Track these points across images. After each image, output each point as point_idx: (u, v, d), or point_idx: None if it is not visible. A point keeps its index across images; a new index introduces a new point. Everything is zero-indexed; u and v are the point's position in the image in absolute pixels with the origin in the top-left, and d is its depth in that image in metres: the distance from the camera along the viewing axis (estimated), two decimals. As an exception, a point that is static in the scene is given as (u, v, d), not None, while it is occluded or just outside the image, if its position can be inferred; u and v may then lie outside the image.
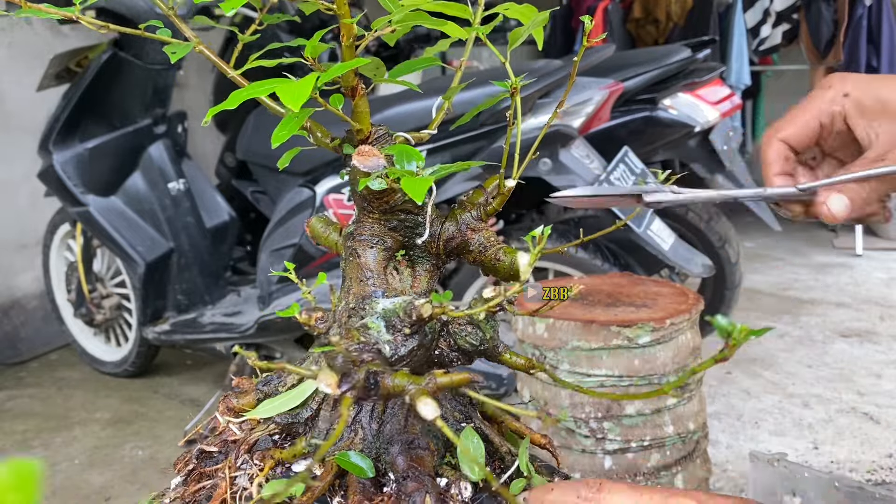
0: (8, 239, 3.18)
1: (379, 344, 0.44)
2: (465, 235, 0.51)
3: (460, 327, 0.50)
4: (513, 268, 0.48)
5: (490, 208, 0.51)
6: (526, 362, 0.49)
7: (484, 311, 0.47)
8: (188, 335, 2.50)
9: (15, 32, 3.14)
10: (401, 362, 0.45)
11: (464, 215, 0.51)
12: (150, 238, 2.55)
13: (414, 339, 0.45)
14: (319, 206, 2.21)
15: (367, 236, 0.52)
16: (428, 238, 0.51)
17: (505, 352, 0.50)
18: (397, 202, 0.50)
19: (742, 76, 4.04)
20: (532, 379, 1.51)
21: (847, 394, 2.40)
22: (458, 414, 0.52)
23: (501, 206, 0.51)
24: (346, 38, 0.44)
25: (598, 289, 1.61)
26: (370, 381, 0.39)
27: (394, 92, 2.31)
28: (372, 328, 0.44)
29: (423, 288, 0.52)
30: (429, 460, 0.47)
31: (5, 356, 3.09)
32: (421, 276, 0.52)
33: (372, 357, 0.41)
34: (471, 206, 0.51)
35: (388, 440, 0.47)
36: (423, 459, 0.46)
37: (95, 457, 2.25)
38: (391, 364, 0.44)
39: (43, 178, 2.57)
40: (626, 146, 2.10)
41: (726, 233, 2.46)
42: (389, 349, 0.44)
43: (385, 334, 0.44)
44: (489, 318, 0.49)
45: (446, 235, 0.51)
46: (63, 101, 2.50)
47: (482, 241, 0.50)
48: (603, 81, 2.04)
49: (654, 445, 1.41)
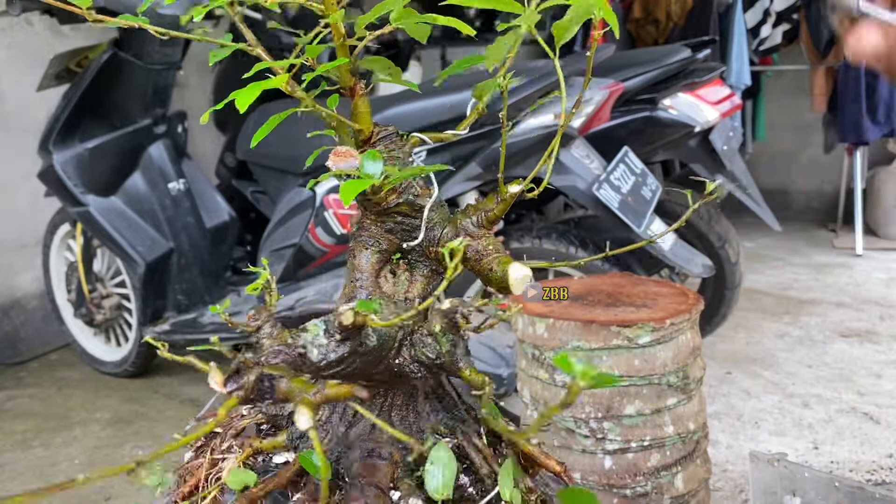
0: (8, 239, 3.18)
1: (307, 347, 0.42)
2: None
3: (422, 339, 0.48)
4: (504, 280, 0.46)
5: (491, 214, 0.49)
6: (479, 380, 0.48)
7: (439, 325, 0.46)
8: (188, 335, 2.50)
9: (15, 32, 3.14)
10: (331, 368, 0.43)
11: (464, 221, 0.50)
12: (150, 238, 2.55)
13: (345, 345, 0.43)
14: (319, 206, 2.21)
15: (365, 237, 0.51)
16: (425, 243, 0.49)
17: (466, 368, 0.48)
18: (390, 204, 0.49)
19: (742, 76, 4.04)
20: (532, 379, 1.51)
21: (847, 394, 2.40)
22: (442, 427, 0.50)
23: (504, 212, 0.49)
24: (337, 38, 0.44)
25: (598, 289, 1.61)
26: (265, 384, 0.38)
27: (394, 92, 2.31)
28: (310, 331, 0.43)
29: (418, 293, 0.50)
30: (384, 471, 0.45)
31: (5, 356, 3.09)
32: (417, 281, 0.51)
33: (285, 359, 0.40)
34: (473, 212, 0.50)
35: (350, 445, 0.47)
36: (377, 469, 0.45)
37: (95, 457, 2.25)
38: (319, 369, 0.43)
39: (43, 178, 2.57)
40: (626, 146, 2.10)
41: (726, 233, 2.45)
42: (318, 354, 0.43)
43: (321, 338, 0.43)
44: (445, 331, 0.48)
45: (445, 241, 0.49)
46: (63, 101, 2.50)
47: (479, 248, 0.49)
48: (603, 81, 2.04)
49: (654, 445, 1.41)
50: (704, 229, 2.41)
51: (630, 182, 2.01)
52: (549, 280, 1.71)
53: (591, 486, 1.41)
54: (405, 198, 0.49)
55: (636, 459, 1.41)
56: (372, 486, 0.44)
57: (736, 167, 2.45)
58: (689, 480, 1.46)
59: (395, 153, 0.50)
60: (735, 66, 4.04)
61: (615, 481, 1.42)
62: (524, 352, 1.52)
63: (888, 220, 4.29)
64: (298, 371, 0.41)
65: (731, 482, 1.93)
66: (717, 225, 2.44)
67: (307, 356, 0.42)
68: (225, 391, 0.37)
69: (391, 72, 0.53)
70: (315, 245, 2.25)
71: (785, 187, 5.07)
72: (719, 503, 1.85)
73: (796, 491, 1.43)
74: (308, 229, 2.24)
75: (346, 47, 0.45)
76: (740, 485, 1.91)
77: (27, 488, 2.07)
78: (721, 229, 2.45)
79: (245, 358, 0.40)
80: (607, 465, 1.42)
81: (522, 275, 0.44)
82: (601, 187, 1.92)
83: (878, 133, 3.98)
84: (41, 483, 2.11)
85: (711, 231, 2.43)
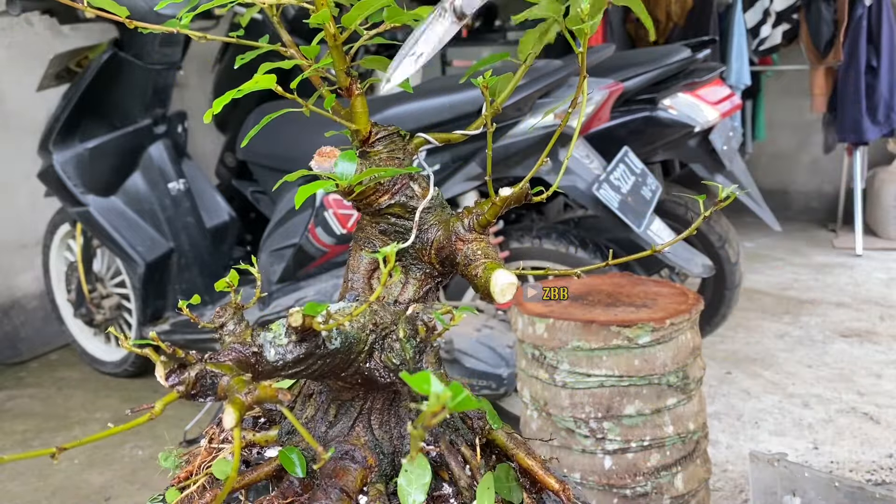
0: (8, 239, 3.18)
1: (264, 346, 0.42)
2: (453, 245, 0.48)
3: (391, 344, 0.47)
4: (487, 287, 0.45)
5: (482, 219, 0.48)
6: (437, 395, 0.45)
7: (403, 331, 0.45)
8: (188, 335, 2.50)
9: (15, 32, 3.14)
10: (288, 368, 0.43)
11: (456, 224, 0.48)
12: (150, 238, 2.55)
13: (301, 347, 0.43)
14: (319, 206, 2.21)
15: (362, 238, 0.50)
16: (418, 245, 0.48)
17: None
18: (382, 205, 0.48)
19: (742, 76, 4.04)
20: (532, 379, 1.51)
21: (847, 394, 2.40)
22: (427, 434, 0.49)
23: (495, 216, 0.48)
24: (329, 38, 0.44)
25: (598, 289, 1.61)
26: (206, 381, 0.38)
27: (394, 92, 2.31)
28: (272, 330, 0.43)
29: (410, 296, 0.49)
30: (353, 475, 0.45)
31: (5, 356, 3.09)
32: (410, 284, 0.50)
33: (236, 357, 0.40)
34: (467, 215, 0.48)
35: (328, 445, 0.46)
36: (346, 473, 0.44)
37: (95, 457, 2.25)
38: (276, 369, 0.42)
39: (43, 178, 2.57)
40: (626, 146, 2.10)
41: (726, 233, 2.45)
42: (276, 354, 0.42)
43: (282, 338, 0.43)
44: (410, 338, 0.47)
45: (437, 244, 0.49)
46: (63, 101, 2.50)
47: (468, 253, 0.47)
48: (603, 81, 2.04)
49: (654, 445, 1.41)
50: (704, 229, 2.41)
51: (630, 182, 2.01)
52: (550, 280, 1.71)
53: (590, 486, 1.41)
54: (397, 199, 0.48)
55: (636, 459, 1.41)
56: (337, 489, 0.44)
57: (736, 167, 2.45)
58: (689, 480, 1.46)
59: (395, 153, 0.49)
60: (735, 66, 4.04)
61: (615, 481, 1.42)
62: (524, 352, 1.52)
63: (888, 220, 4.29)
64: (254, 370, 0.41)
65: (731, 482, 1.93)
66: (717, 225, 2.44)
67: (263, 355, 0.42)
68: (167, 385, 0.38)
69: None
70: (315, 245, 2.24)
71: (785, 187, 5.07)
72: (719, 503, 1.85)
73: (796, 491, 1.43)
74: (308, 229, 2.24)
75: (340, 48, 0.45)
76: (740, 485, 1.91)
77: (27, 488, 2.07)
78: (721, 229, 2.44)
79: (189, 354, 0.40)
80: (607, 465, 1.42)
81: (507, 282, 0.43)
82: (601, 187, 1.92)
83: (877, 133, 3.98)
84: (41, 483, 2.11)
85: (711, 231, 2.43)
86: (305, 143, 2.24)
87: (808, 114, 4.46)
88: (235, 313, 0.43)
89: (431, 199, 0.49)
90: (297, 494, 0.45)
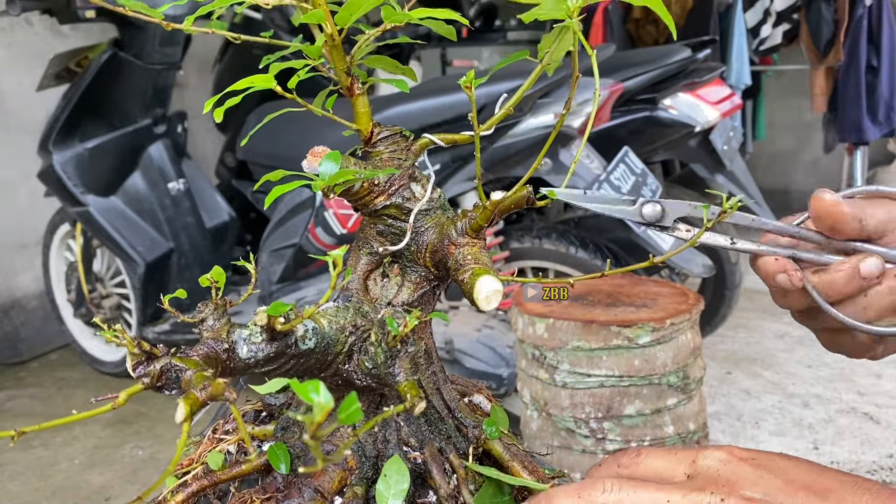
0: (8, 239, 3.18)
1: (237, 343, 0.42)
2: (446, 249, 0.47)
3: (367, 347, 0.47)
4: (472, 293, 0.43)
5: (474, 222, 0.47)
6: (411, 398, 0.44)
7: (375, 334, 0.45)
8: (188, 335, 2.50)
9: (15, 32, 3.14)
10: (260, 366, 0.43)
11: (450, 228, 0.48)
12: (150, 238, 2.55)
13: (272, 345, 0.43)
14: (319, 206, 2.21)
15: (361, 239, 0.50)
16: (413, 248, 0.48)
17: (404, 381, 0.45)
18: (377, 206, 0.48)
19: (742, 76, 4.03)
20: (532, 379, 1.51)
21: (847, 394, 2.40)
22: (413, 440, 0.49)
23: (486, 221, 0.47)
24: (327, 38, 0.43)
25: (598, 289, 1.61)
26: (171, 374, 0.39)
27: (395, 92, 2.30)
28: (248, 328, 0.43)
29: (404, 299, 0.49)
30: (331, 475, 0.45)
31: (5, 356, 3.09)
32: (406, 287, 0.49)
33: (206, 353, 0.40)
34: (461, 218, 0.48)
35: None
36: (323, 472, 0.44)
37: (95, 457, 2.25)
38: (248, 366, 0.43)
39: (43, 178, 2.57)
40: (627, 146, 2.10)
41: (726, 233, 2.45)
42: (248, 351, 0.43)
43: (257, 336, 0.43)
44: (381, 342, 0.46)
45: (431, 248, 0.48)
46: (63, 101, 2.50)
47: (459, 258, 0.46)
48: (603, 81, 2.04)
49: (654, 445, 1.41)
50: (704, 229, 2.41)
51: (630, 182, 2.01)
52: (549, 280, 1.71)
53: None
54: (394, 200, 0.48)
55: (636, 459, 1.41)
56: (311, 489, 0.44)
57: (736, 167, 2.45)
58: (690, 480, 1.46)
59: (396, 154, 0.49)
60: (735, 66, 4.03)
61: (615, 481, 1.41)
62: (524, 352, 1.52)
63: (888, 220, 4.29)
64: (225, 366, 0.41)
65: (731, 482, 1.93)
66: (716, 225, 2.44)
67: (236, 352, 0.42)
68: (134, 376, 0.38)
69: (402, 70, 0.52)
70: (315, 245, 2.24)
71: (785, 187, 5.07)
72: (719, 503, 1.84)
73: (796, 491, 1.43)
74: (308, 229, 2.24)
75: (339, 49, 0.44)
76: (740, 485, 1.91)
77: (27, 488, 2.07)
78: (721, 229, 2.44)
79: (155, 347, 0.41)
80: (607, 466, 1.42)
81: (493, 289, 0.42)
82: (601, 187, 1.92)
83: (878, 133, 3.97)
84: (41, 483, 2.11)
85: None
86: (306, 144, 2.24)
87: (808, 114, 4.46)
88: (216, 309, 0.43)
89: (428, 201, 0.48)
90: (278, 490, 0.45)
